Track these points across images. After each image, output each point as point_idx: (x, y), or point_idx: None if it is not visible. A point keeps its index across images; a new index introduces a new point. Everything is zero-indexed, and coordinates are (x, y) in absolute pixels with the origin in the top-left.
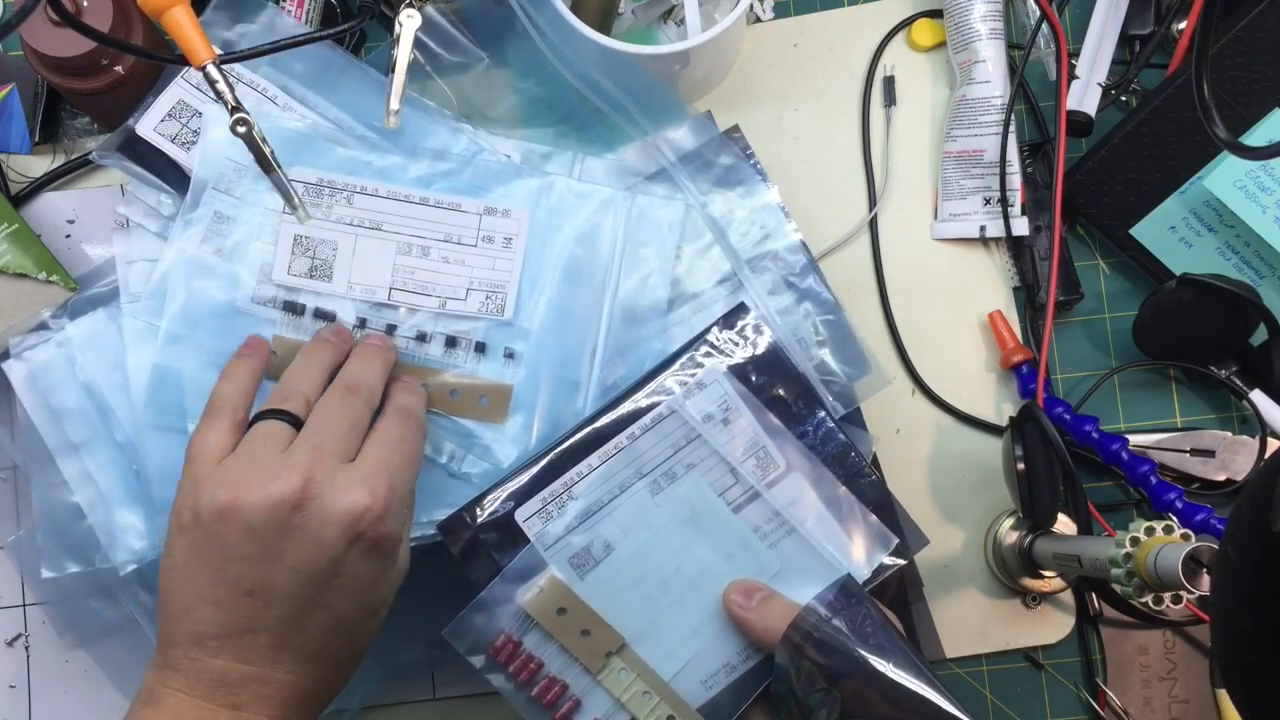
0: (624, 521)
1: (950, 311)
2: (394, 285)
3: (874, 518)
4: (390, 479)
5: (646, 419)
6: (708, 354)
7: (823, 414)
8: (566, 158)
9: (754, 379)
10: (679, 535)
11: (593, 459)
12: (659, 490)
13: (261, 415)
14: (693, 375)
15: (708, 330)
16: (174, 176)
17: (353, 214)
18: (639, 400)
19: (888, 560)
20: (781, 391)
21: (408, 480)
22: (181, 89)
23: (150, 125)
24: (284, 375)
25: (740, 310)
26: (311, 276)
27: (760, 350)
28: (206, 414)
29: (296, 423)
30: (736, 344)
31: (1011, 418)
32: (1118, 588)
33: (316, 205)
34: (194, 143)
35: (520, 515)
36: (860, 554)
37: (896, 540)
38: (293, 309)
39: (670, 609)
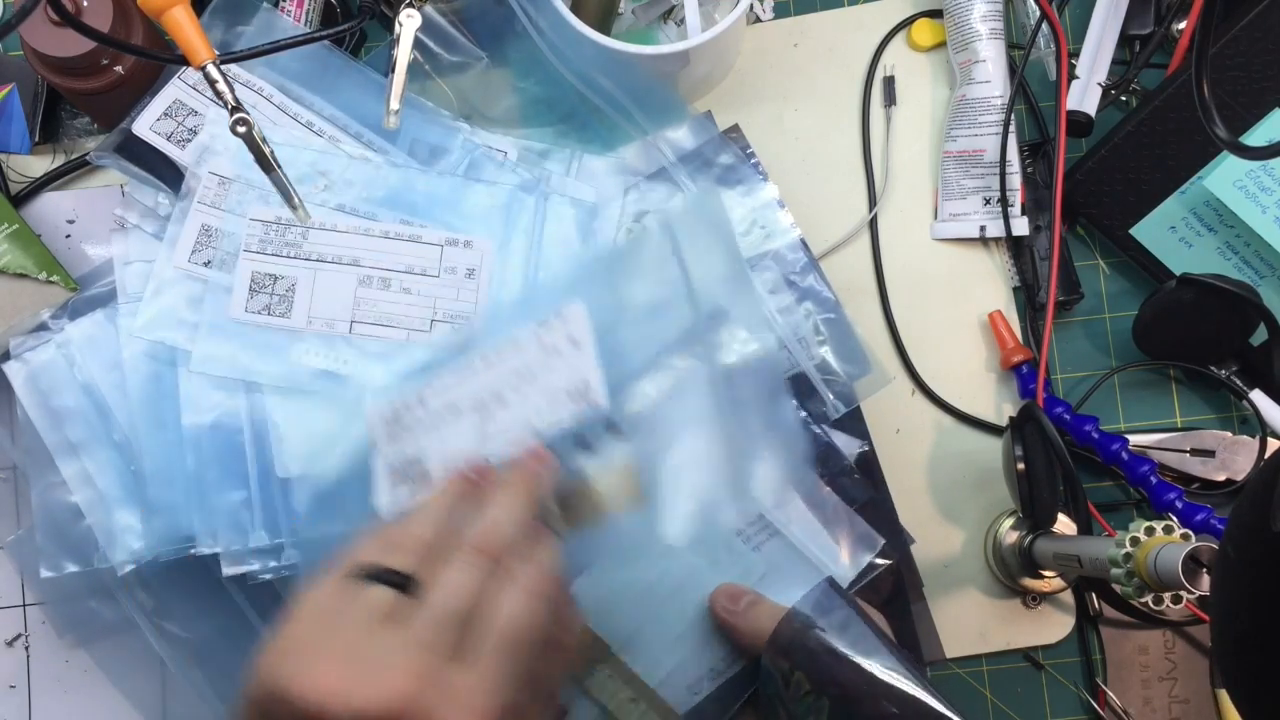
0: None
1: (950, 311)
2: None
3: (859, 519)
4: (516, 694)
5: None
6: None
7: (804, 414)
8: (564, 155)
9: (735, 385)
10: (662, 541)
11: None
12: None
13: (373, 576)
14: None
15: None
16: (171, 176)
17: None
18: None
19: (876, 560)
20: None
21: (545, 690)
22: (178, 88)
23: (146, 124)
24: (411, 514)
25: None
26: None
27: (744, 355)
28: (328, 567)
29: (405, 585)
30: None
31: (1011, 418)
32: (1118, 588)
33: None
34: (190, 141)
35: None
36: (846, 555)
37: (883, 541)
38: None
39: (655, 615)
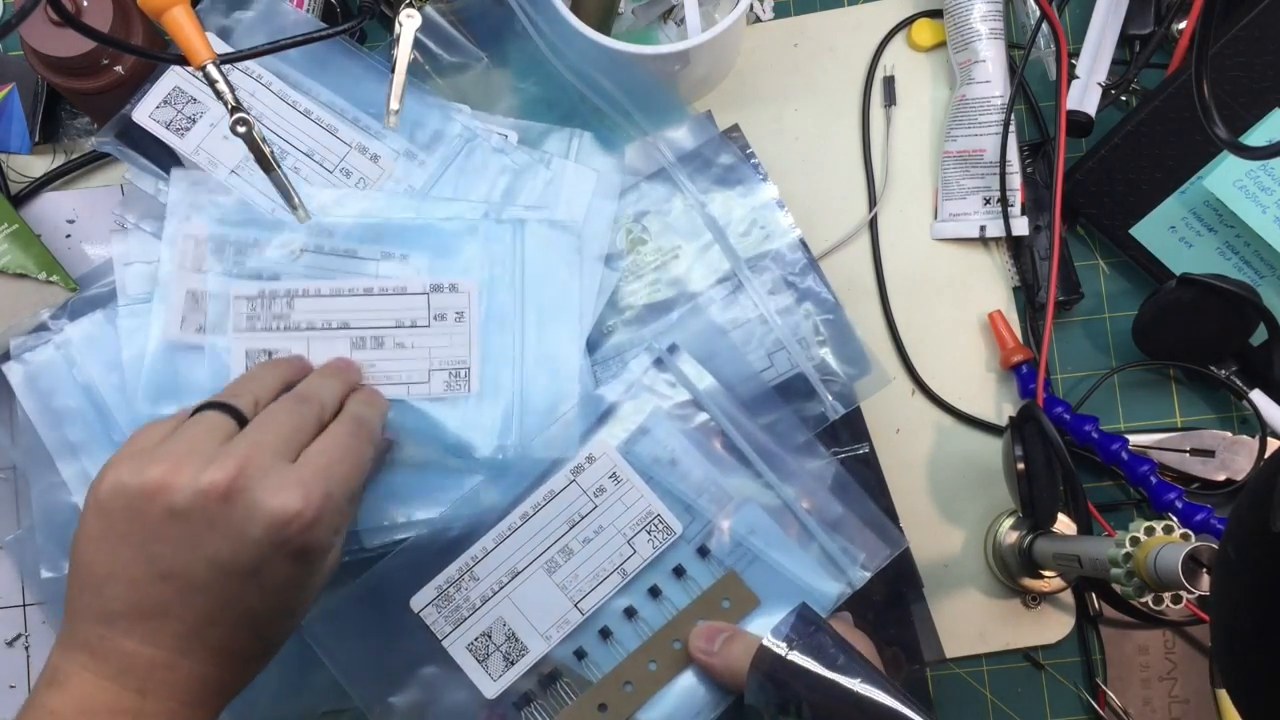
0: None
1: (950, 311)
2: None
3: (838, 537)
4: (328, 486)
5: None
6: (642, 397)
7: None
8: (564, 135)
9: (699, 415)
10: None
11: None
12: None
13: (205, 406)
14: (634, 423)
15: (638, 373)
16: (171, 163)
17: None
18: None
19: (859, 573)
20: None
21: (348, 489)
22: (177, 75)
23: (146, 112)
24: (236, 378)
25: (673, 350)
26: None
27: (703, 385)
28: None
29: (241, 419)
30: (672, 384)
31: (1011, 418)
32: (1118, 588)
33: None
34: (189, 129)
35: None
36: (828, 573)
37: (863, 554)
38: None
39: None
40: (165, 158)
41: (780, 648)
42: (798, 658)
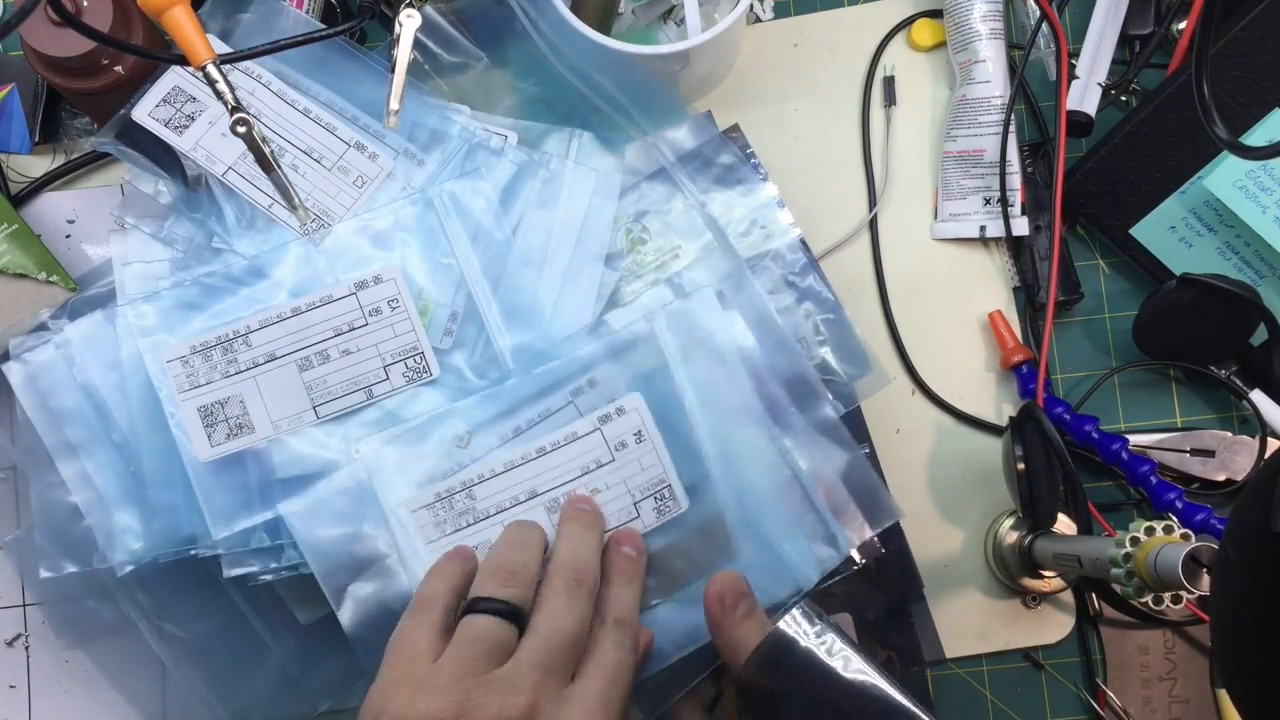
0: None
1: (950, 311)
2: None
3: (829, 515)
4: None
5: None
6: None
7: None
8: (564, 135)
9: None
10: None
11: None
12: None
13: (478, 603)
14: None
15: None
16: (171, 163)
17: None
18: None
19: (843, 553)
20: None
21: (621, 715)
22: (177, 75)
23: (145, 110)
24: (497, 547)
25: (722, 298)
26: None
27: (744, 339)
28: (412, 609)
29: (516, 616)
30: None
31: (1011, 418)
32: (1118, 588)
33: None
34: (187, 127)
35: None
36: (812, 553)
37: (855, 539)
38: None
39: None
40: (165, 158)
41: (804, 634)
42: (806, 650)
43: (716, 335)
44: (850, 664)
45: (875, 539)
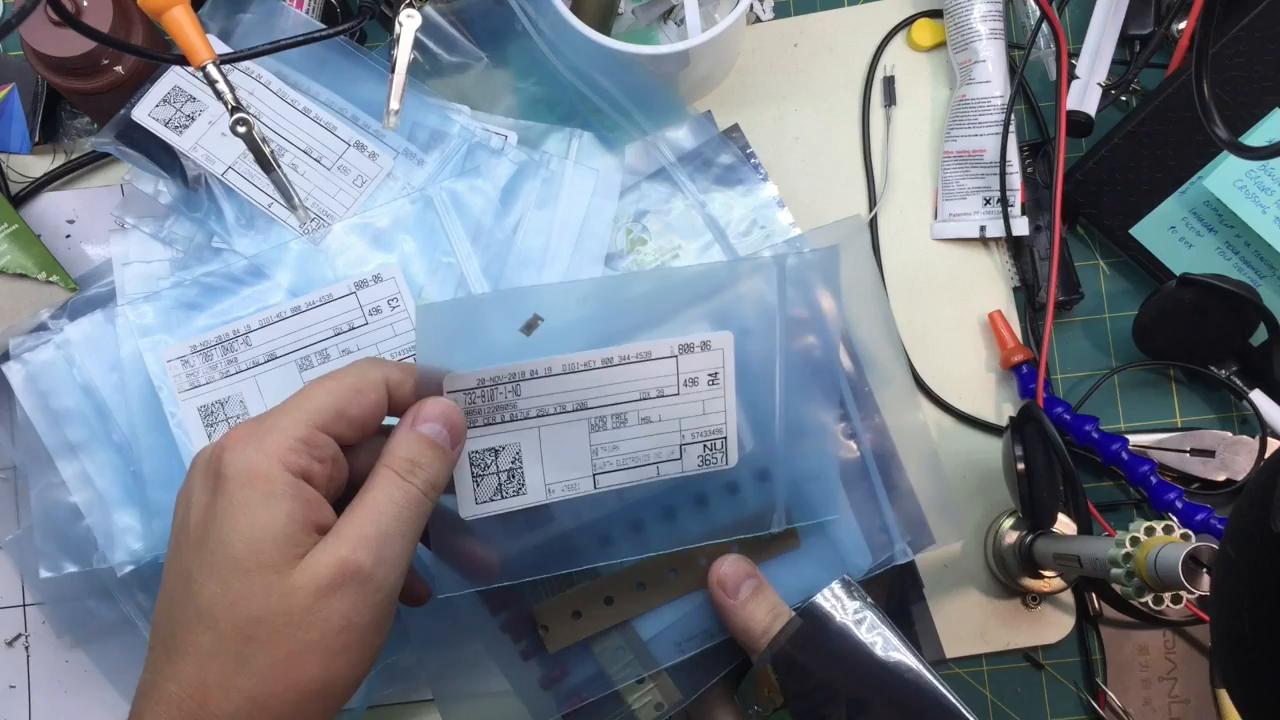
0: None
1: (950, 311)
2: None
3: (889, 510)
4: None
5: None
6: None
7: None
8: (564, 135)
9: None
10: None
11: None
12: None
13: None
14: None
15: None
16: (170, 162)
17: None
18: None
19: (900, 551)
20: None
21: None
22: (177, 75)
23: (145, 110)
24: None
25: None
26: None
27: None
28: None
29: None
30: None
31: (1011, 418)
32: (1118, 588)
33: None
34: (187, 126)
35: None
36: (870, 544)
37: (909, 535)
38: None
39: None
40: (165, 157)
41: (840, 608)
42: (840, 629)
43: (822, 303)
44: (887, 644)
45: None
